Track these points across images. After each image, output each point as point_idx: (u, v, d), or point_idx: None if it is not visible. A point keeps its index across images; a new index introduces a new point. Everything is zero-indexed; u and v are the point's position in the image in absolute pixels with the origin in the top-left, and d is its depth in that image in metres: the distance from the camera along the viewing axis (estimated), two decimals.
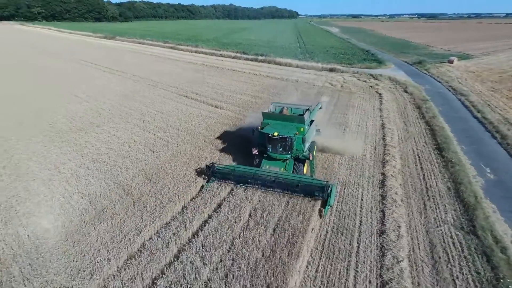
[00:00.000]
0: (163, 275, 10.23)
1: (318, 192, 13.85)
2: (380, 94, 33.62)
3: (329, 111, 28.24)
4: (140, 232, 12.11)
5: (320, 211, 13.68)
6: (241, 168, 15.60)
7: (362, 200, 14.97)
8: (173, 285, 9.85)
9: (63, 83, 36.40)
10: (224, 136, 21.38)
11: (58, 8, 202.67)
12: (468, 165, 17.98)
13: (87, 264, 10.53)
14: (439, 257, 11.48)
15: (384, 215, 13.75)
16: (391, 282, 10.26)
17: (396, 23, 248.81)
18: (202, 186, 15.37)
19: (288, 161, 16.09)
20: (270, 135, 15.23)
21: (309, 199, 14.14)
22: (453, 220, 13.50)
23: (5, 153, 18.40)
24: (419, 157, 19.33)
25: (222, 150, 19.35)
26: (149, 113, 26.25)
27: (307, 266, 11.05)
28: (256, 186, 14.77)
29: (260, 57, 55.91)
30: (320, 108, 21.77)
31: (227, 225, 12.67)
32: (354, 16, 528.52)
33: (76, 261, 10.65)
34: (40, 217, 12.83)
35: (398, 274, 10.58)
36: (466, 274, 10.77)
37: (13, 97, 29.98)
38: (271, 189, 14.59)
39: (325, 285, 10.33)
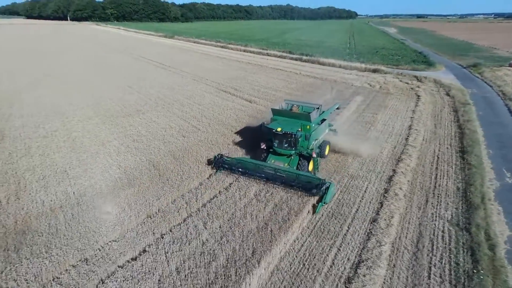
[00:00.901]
0: (170, 232, 12.29)
1: (314, 188, 14.33)
2: (418, 96, 32.81)
3: (359, 110, 28.61)
4: (159, 199, 14.37)
5: (314, 206, 14.13)
6: (246, 160, 16.66)
7: (365, 192, 15.69)
8: (176, 240, 11.85)
9: (122, 76, 41.11)
10: (249, 128, 23.11)
11: (128, 10, 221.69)
12: (488, 169, 17.55)
13: (113, 218, 13.00)
14: (423, 246, 12.00)
15: (381, 206, 14.41)
16: (367, 261, 11.15)
17: (464, 23, 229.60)
18: (210, 176, 16.60)
19: (292, 157, 16.77)
20: (274, 130, 16.08)
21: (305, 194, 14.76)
22: (450, 217, 13.72)
23: (66, 130, 22.16)
24: (438, 157, 19.24)
25: (244, 140, 21.13)
26: (188, 104, 29.02)
27: (294, 241, 12.30)
28: (258, 178, 15.69)
29: (304, 57, 56.77)
30: (337, 108, 22.04)
31: (232, 200, 14.40)
32: (419, 16, 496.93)
33: (105, 215, 13.18)
34: (85, 180, 15.75)
35: (376, 255, 11.40)
36: (444, 263, 11.21)
37: (82, 86, 34.88)
38: (271, 182, 15.40)
39: (307, 256, 11.52)
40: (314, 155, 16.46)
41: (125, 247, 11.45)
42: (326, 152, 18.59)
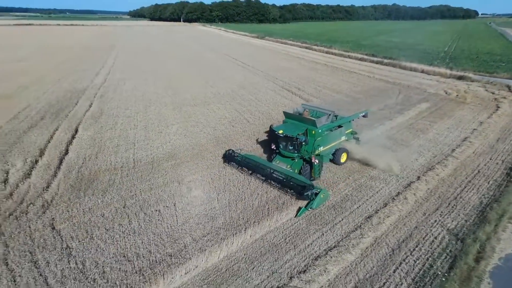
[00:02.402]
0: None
1: (300, 192, 14.40)
2: (498, 107, 29.40)
3: (417, 117, 27.55)
4: (191, 171, 17.62)
5: (299, 208, 14.29)
6: (251, 158, 17.58)
7: (376, 192, 16.16)
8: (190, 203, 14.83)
9: (204, 71, 46.72)
10: None
11: (232, 12, 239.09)
12: None
13: (151, 181, 16.70)
14: (405, 246, 12.40)
15: (384, 206, 14.89)
16: (341, 247, 12.24)
17: None
18: None
19: (296, 160, 17.19)
20: (276, 132, 16.68)
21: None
22: (453, 227, 13.47)
23: (145, 113, 27.46)
24: (478, 171, 18.04)
25: None
26: (249, 99, 32.11)
27: (287, 221, 13.98)
28: (258, 176, 16.51)
29: (385, 60, 54.60)
30: (363, 116, 20.86)
31: (247, 181, 16.69)
32: None
33: (147, 177, 16.99)
34: (144, 151, 20.04)
35: (352, 244, 12.36)
36: (417, 264, 11.54)
37: (170, 79, 41.32)
38: (268, 180, 15.99)
39: (291, 234, 13.11)
40: (315, 161, 16.24)
41: (154, 198, 14.90)
42: (343, 160, 18.51)
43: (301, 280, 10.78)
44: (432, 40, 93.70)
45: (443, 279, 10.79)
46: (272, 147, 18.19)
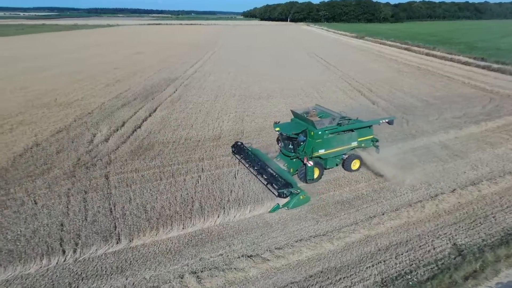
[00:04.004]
0: (203, 172, 17.54)
1: (277, 189, 14.31)
2: None
3: (498, 130, 24.08)
4: (220, 153, 19.84)
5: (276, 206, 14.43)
6: (254, 152, 18.00)
7: (397, 197, 15.55)
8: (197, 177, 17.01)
9: (286, 69, 48.45)
10: None
11: (339, 11, 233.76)
12: None
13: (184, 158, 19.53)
14: (395, 250, 12.07)
15: (395, 210, 14.38)
16: (325, 236, 12.68)
17: None
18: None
19: (294, 160, 16.95)
20: (275, 129, 16.72)
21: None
22: (463, 243, 12.33)
23: (213, 102, 30.92)
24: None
25: None
26: (313, 97, 32.61)
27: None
28: (251, 169, 16.70)
29: (495, 65, 47.10)
30: (388, 123, 18.87)
31: None
32: None
33: (195, 154, 19.87)
34: (195, 131, 23.14)
35: (340, 237, 12.66)
36: (392, 267, 11.25)
37: (249, 74, 44.53)
38: (257, 175, 16.10)
39: (287, 217, 14.05)
40: (308, 163, 15.80)
41: (186, 169, 17.61)
42: (354, 167, 17.62)
43: (273, 254, 11.83)
44: None
45: (414, 286, 10.38)
46: (279, 145, 18.29)
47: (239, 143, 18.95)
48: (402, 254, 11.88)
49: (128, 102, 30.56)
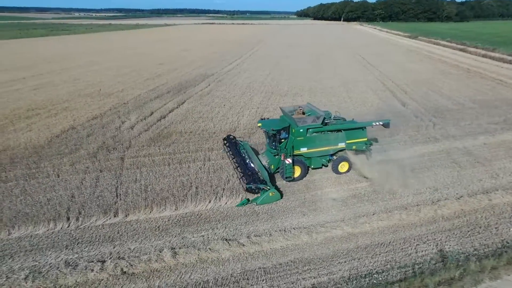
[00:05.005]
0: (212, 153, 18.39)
1: (247, 184, 14.49)
2: None
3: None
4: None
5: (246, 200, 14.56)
6: (243, 146, 18.11)
7: (395, 199, 15.07)
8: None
9: (322, 68, 47.82)
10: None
11: (396, 10, 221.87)
12: None
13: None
14: (372, 249, 11.84)
15: (387, 211, 13.98)
16: (306, 229, 12.81)
17: None
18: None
19: (276, 156, 16.51)
20: (258, 125, 16.54)
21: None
22: (451, 249, 11.72)
23: (246, 96, 31.85)
24: None
25: None
26: (341, 96, 32.02)
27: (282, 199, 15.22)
28: (235, 161, 16.66)
29: None
30: (383, 126, 17.84)
31: None
32: None
33: (206, 144, 20.95)
34: (220, 125, 24.19)
35: (319, 231, 12.73)
36: (365, 265, 11.06)
37: (286, 71, 44.77)
38: (236, 169, 16.18)
39: (277, 208, 14.41)
40: (286, 160, 15.51)
41: (193, 157, 18.70)
42: (342, 170, 16.96)
43: (250, 240, 12.33)
44: None
45: (379, 285, 10.20)
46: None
47: (231, 137, 19.09)
48: (379, 254, 11.65)
49: (162, 94, 32.71)
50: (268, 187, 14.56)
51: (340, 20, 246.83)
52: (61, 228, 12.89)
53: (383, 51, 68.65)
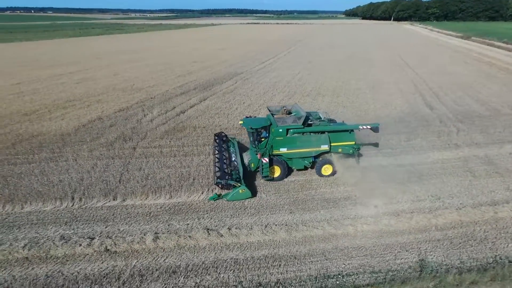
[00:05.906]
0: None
1: (220, 179, 14.81)
2: None
3: None
4: None
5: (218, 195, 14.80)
6: (232, 142, 18.43)
7: (392, 204, 14.50)
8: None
9: (356, 68, 46.45)
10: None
11: (453, 8, 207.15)
12: None
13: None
14: (350, 251, 11.61)
15: (375, 215, 13.55)
16: (286, 226, 12.88)
17: None
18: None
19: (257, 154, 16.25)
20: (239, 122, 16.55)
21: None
22: (434, 260, 11.11)
23: (268, 94, 32.19)
24: None
25: None
26: (365, 97, 31.04)
27: (273, 195, 15.38)
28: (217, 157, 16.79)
29: None
30: (372, 130, 17.07)
31: None
32: None
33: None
34: (233, 121, 24.82)
35: (299, 229, 12.74)
36: (337, 265, 10.87)
37: (317, 71, 44.32)
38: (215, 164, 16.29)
39: (265, 204, 14.62)
40: (263, 160, 15.63)
41: (199, 151, 19.47)
42: (325, 172, 16.49)
43: (230, 232, 12.70)
44: None
45: (343, 286, 10.03)
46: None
47: (223, 134, 19.44)
48: (355, 257, 11.41)
49: (188, 91, 34.11)
50: (239, 184, 14.72)
51: (390, 20, 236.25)
52: (66, 207, 14.26)
53: (426, 52, 64.81)
